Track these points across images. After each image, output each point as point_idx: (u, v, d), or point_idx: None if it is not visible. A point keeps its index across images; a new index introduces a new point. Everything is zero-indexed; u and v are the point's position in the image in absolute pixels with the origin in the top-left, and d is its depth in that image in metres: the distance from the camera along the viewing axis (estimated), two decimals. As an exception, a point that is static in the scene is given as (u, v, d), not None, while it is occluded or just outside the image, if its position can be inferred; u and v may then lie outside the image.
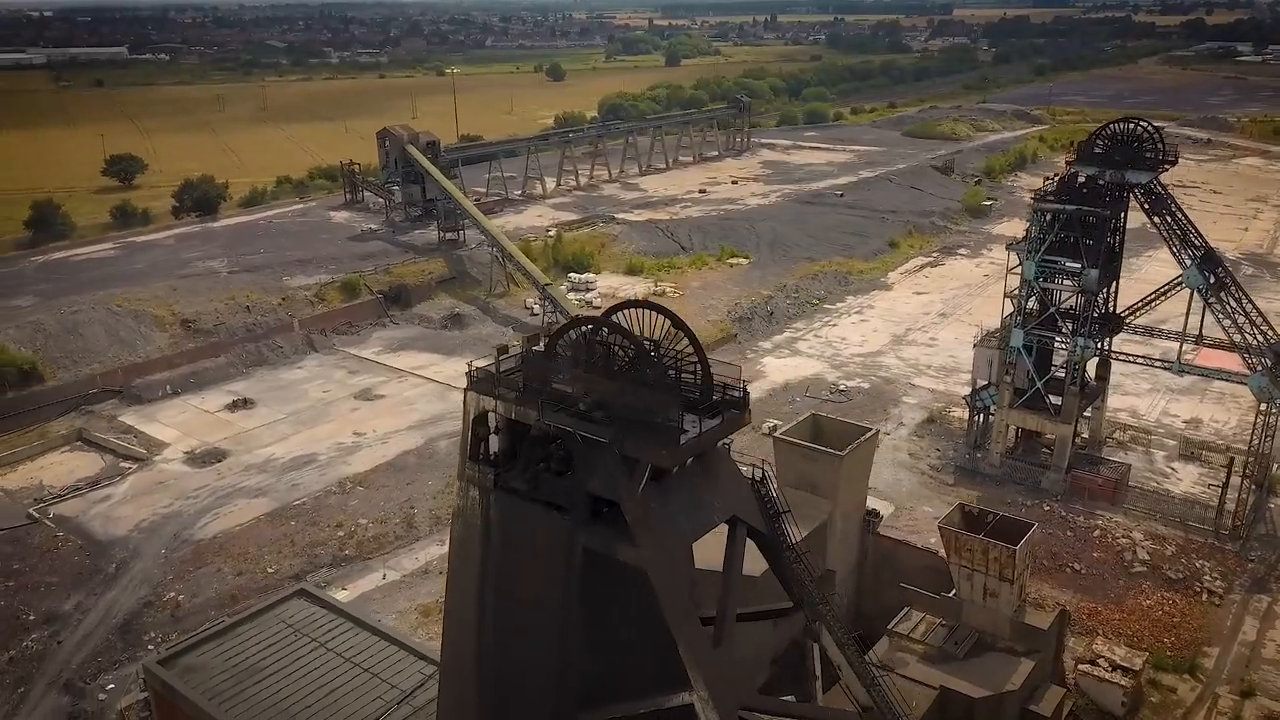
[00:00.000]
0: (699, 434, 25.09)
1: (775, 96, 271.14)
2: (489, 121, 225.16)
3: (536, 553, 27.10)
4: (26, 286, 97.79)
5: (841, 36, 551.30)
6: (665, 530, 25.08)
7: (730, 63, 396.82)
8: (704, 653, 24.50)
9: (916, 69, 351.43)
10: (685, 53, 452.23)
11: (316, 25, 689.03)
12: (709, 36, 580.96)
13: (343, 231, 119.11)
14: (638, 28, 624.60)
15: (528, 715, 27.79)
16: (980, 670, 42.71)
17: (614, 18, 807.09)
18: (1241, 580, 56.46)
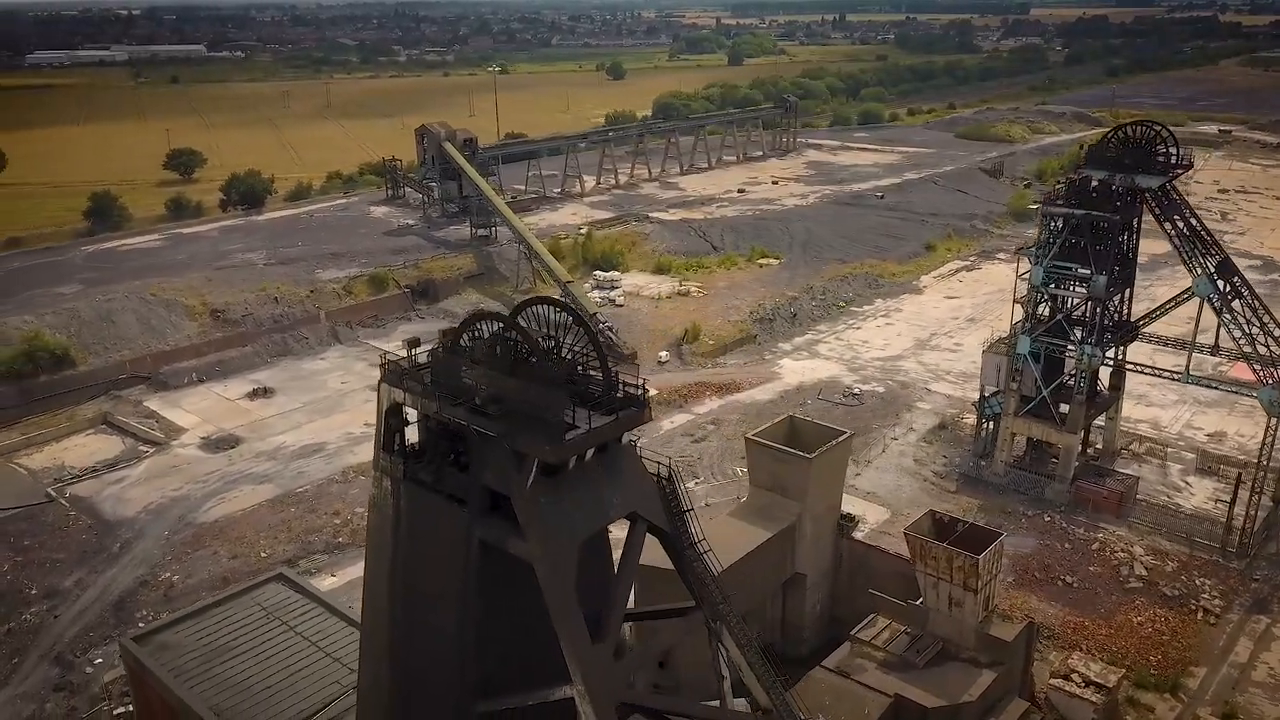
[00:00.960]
0: (588, 431, 25.26)
1: (832, 97, 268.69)
2: (544, 119, 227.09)
3: (439, 544, 27.59)
4: (73, 275, 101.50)
5: (910, 36, 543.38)
6: (554, 525, 25.34)
7: (793, 62, 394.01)
8: (583, 647, 24.71)
9: (982, 69, 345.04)
10: (749, 52, 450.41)
11: (389, 24, 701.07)
12: (775, 36, 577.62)
13: (380, 226, 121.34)
14: (704, 27, 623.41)
15: (432, 703, 28.30)
16: (938, 680, 42.06)
17: (682, 16, 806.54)
18: (1242, 600, 54.65)
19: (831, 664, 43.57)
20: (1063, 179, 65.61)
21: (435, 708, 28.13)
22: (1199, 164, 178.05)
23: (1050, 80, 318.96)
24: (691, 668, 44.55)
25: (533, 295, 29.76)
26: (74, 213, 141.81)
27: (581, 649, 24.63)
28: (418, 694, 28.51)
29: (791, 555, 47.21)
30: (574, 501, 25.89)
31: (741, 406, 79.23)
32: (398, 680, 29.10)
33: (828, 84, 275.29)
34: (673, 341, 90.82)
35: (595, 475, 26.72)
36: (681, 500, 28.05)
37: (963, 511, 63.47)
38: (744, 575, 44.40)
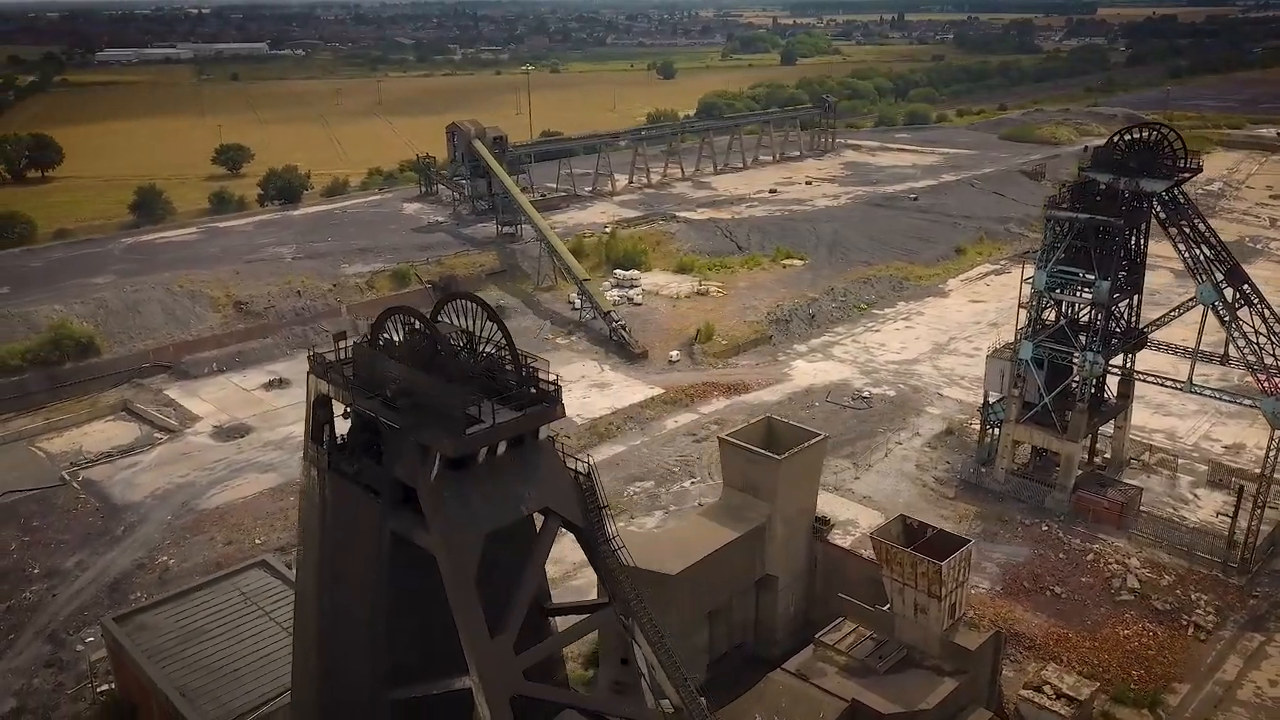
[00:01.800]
0: (491, 426, 25.58)
1: (880, 97, 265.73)
2: (591, 117, 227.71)
3: (358, 534, 28.13)
4: (109, 266, 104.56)
5: (969, 36, 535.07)
6: (458, 517, 25.72)
7: (847, 62, 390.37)
8: (480, 640, 25.05)
9: (1038, 70, 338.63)
10: (803, 52, 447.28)
11: (448, 23, 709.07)
12: (831, 36, 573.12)
13: (410, 223, 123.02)
14: (760, 27, 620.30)
15: (351, 688, 28.89)
16: (897, 686, 41.65)
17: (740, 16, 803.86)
18: (1238, 616, 53.21)
19: (792, 667, 43.37)
20: (1067, 182, 64.36)
21: (354, 694, 28.69)
22: (1253, 168, 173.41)
23: (1109, 81, 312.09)
24: (653, 666, 44.84)
25: (454, 291, 30.07)
26: (122, 206, 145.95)
27: (478, 641, 24.97)
28: (340, 681, 29.12)
29: (761, 556, 47.04)
30: (482, 495, 26.22)
31: (748, 407, 78.92)
32: (323, 666, 29.72)
33: (876, 84, 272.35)
34: (686, 341, 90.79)
35: (507, 470, 27.04)
36: (599, 498, 28.21)
37: (959, 519, 62.97)
38: (708, 574, 44.50)
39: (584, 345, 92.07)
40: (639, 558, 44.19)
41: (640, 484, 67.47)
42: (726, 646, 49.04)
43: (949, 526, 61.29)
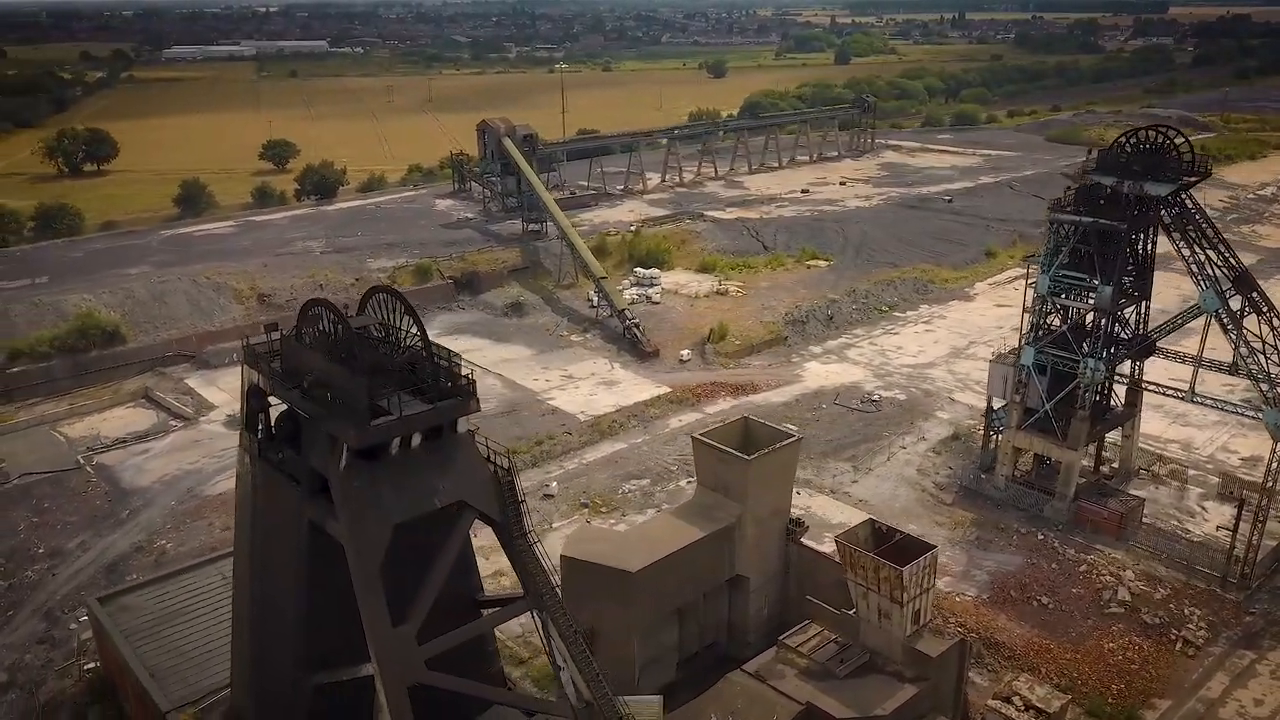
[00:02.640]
0: (397, 418, 26.00)
1: (930, 98, 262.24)
2: (637, 115, 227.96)
3: (282, 521, 28.78)
4: (146, 257, 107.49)
5: (1030, 35, 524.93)
6: (365, 507, 26.18)
7: (902, 62, 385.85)
8: (382, 629, 25.48)
9: (1098, 70, 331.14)
10: (858, 51, 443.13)
11: (506, 21, 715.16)
12: (889, 35, 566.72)
13: (440, 219, 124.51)
14: (818, 25, 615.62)
15: (276, 670, 29.56)
16: (855, 691, 41.32)
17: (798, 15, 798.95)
18: (1231, 633, 51.75)
19: (751, 668, 43.27)
20: (1072, 185, 63.02)
21: (280, 678, 29.33)
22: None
23: (1170, 82, 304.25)
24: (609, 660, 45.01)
25: (376, 285, 30.52)
26: (169, 199, 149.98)
27: (380, 630, 25.41)
28: (268, 665, 29.82)
29: (731, 556, 46.87)
30: (392, 486, 26.65)
31: (754, 408, 78.45)
32: (253, 651, 30.44)
33: (926, 84, 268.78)
34: (698, 341, 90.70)
35: (422, 462, 27.42)
36: (517, 492, 28.48)
37: (954, 525, 62.19)
38: (673, 572, 44.48)
39: (597, 343, 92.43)
40: (603, 554, 44.66)
41: (636, 482, 67.60)
42: (698, 646, 48.94)
43: (944, 533, 61.17)
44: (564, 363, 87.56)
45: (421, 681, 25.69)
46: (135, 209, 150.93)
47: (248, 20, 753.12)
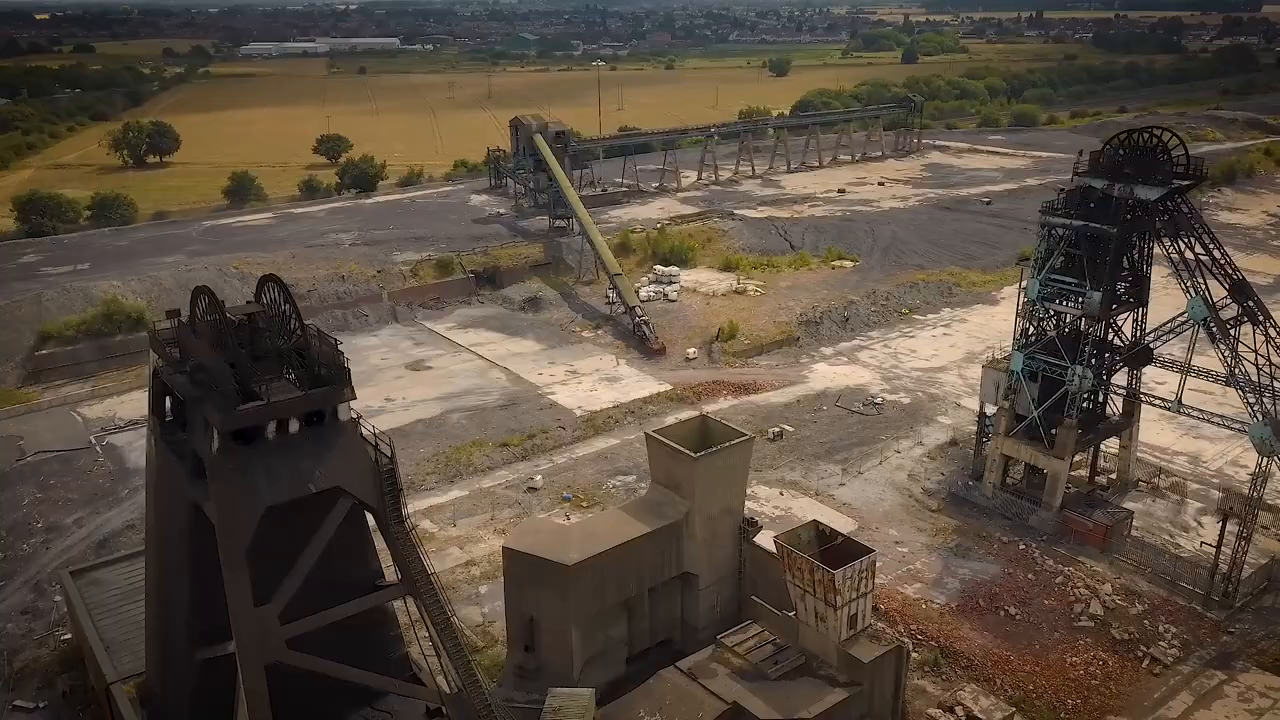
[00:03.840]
0: (266, 404, 26.75)
1: (991, 97, 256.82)
2: (690, 112, 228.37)
3: (173, 501, 29.81)
4: (184, 247, 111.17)
5: (1109, 35, 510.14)
6: (236, 489, 26.99)
7: (971, 61, 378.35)
8: (244, 607, 26.26)
9: (1173, 71, 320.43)
10: (927, 50, 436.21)
11: (577, 20, 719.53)
12: (962, 34, 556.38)
13: (472, 214, 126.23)
14: (891, 24, 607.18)
15: (171, 643, 30.63)
16: (783, 693, 41.07)
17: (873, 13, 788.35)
18: (1204, 652, 50.09)
19: (685, 665, 43.29)
20: (1063, 186, 61.47)
21: (174, 653, 30.39)
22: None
23: (1248, 84, 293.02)
24: (552, 651, 45.49)
25: (268, 274, 31.34)
26: (221, 191, 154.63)
27: (242, 609, 26.18)
28: (167, 639, 30.88)
29: (678, 553, 46.89)
30: (266, 470, 27.41)
31: (753, 408, 78.36)
32: (156, 625, 31.56)
33: (988, 84, 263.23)
34: (707, 339, 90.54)
35: (301, 447, 28.14)
36: (397, 481, 29.05)
37: (935, 532, 61.24)
38: (613, 566, 44.68)
39: (607, 339, 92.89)
40: (543, 546, 45.07)
41: (623, 477, 67.89)
42: (649, 642, 49.03)
43: (923, 539, 60.38)
44: (571, 358, 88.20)
45: (280, 660, 26.45)
46: (188, 200, 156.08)
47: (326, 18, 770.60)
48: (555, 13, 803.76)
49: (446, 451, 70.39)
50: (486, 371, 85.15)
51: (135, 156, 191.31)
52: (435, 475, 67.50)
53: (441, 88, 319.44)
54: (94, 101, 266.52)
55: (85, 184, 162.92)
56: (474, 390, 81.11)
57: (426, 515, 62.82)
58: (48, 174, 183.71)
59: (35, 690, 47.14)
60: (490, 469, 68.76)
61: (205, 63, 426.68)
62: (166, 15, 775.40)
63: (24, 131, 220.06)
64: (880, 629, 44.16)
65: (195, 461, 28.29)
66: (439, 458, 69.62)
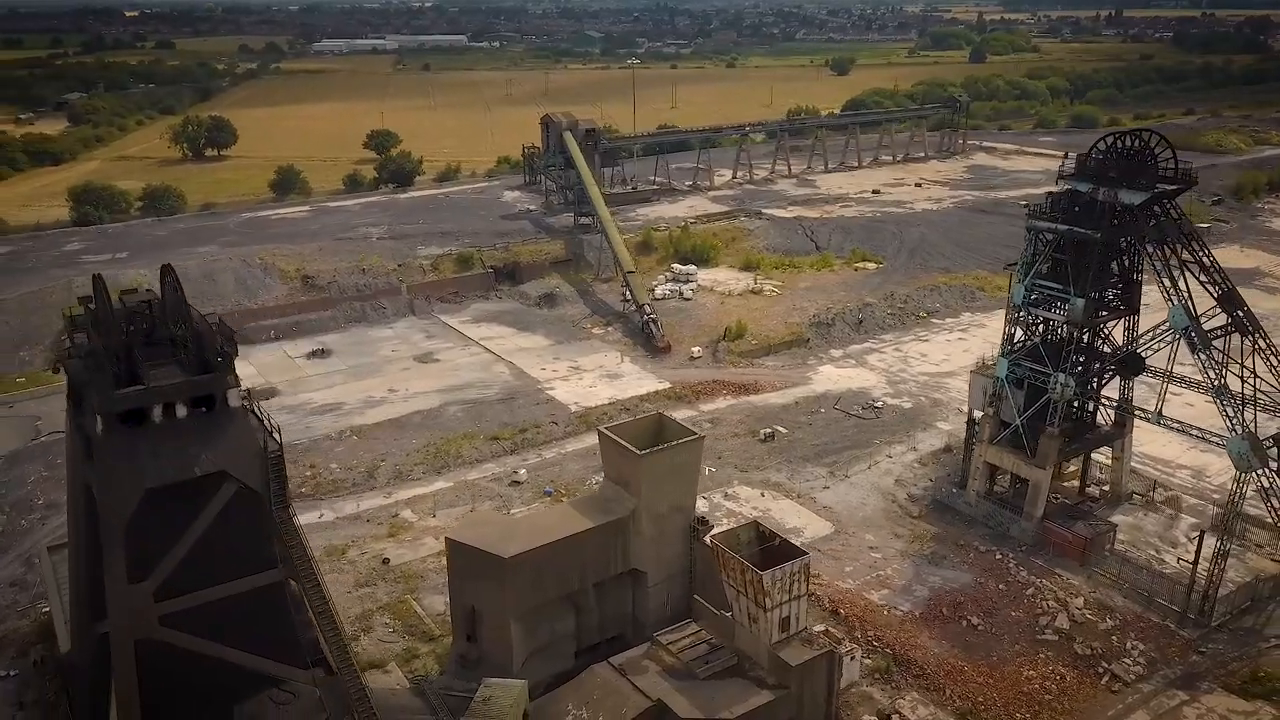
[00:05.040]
0: (142, 389, 27.73)
1: (1054, 98, 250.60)
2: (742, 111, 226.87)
3: (75, 481, 30.99)
4: (219, 237, 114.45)
5: (1190, 34, 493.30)
6: (118, 469, 28.04)
7: (1042, 60, 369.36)
8: (118, 584, 27.28)
9: (1249, 72, 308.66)
10: (997, 49, 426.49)
11: (645, 18, 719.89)
12: (1036, 33, 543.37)
13: (502, 210, 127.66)
14: (963, 22, 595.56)
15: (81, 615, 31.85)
16: (708, 693, 41.04)
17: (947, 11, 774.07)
18: (1170, 671, 48.67)
19: (618, 661, 43.52)
20: (1053, 190, 59.98)
21: (81, 625, 31.63)
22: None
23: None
24: (492, 642, 46.06)
25: (167, 264, 32.32)
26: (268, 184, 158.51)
27: (115, 585, 27.21)
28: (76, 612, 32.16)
29: (624, 550, 47.06)
30: (150, 452, 28.39)
31: (751, 408, 78.08)
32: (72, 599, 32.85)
33: (1050, 84, 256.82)
34: (715, 338, 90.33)
35: (189, 430, 29.08)
36: (283, 467, 29.82)
37: (912, 539, 60.48)
38: (553, 560, 45.03)
39: (616, 336, 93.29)
40: (484, 538, 45.66)
41: (607, 474, 68.08)
42: (598, 637, 49.26)
43: (899, 545, 59.74)
44: (577, 354, 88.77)
45: (151, 636, 27.43)
46: (237, 193, 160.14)
47: (400, 15, 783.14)
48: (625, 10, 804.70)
49: (437, 443, 71.48)
50: (491, 365, 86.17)
51: (194, 150, 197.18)
52: (423, 466, 68.61)
53: (501, 85, 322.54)
54: (164, 96, 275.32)
55: (145, 176, 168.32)
56: (475, 384, 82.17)
57: (408, 505, 64.04)
58: (111, 166, 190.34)
59: (10, 659, 49.22)
60: (478, 461, 69.68)
61: (278, 59, 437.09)
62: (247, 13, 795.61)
63: (94, 125, 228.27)
64: (815, 634, 43.81)
65: (86, 443, 29.40)
66: (429, 449, 70.75)
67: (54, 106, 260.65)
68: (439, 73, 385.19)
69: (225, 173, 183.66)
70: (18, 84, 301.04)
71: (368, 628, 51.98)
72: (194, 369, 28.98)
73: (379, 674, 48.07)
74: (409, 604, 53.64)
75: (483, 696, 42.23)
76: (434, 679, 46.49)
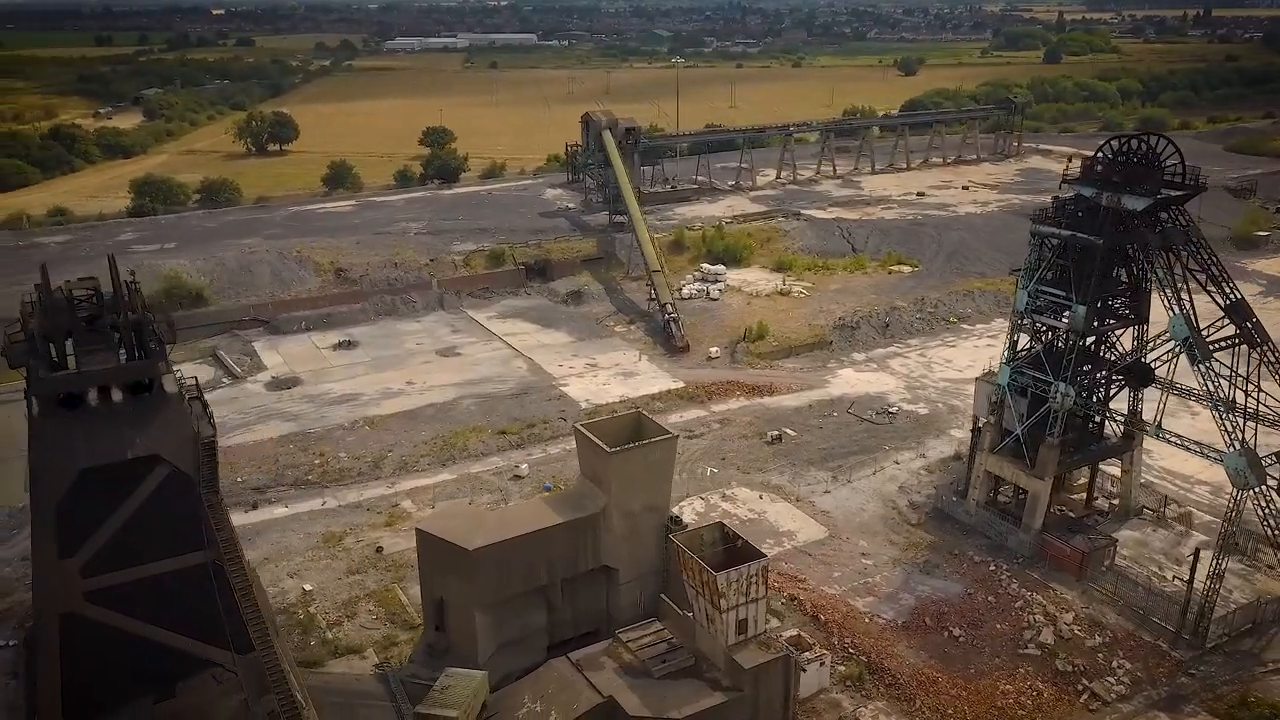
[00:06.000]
0: (76, 372, 28.86)
1: (1124, 100, 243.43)
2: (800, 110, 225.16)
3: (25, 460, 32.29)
4: (263, 230, 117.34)
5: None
6: (51, 450, 29.19)
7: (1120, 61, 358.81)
8: (45, 560, 28.42)
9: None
10: (1075, 49, 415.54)
11: (716, 17, 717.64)
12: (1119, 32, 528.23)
13: (542, 207, 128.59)
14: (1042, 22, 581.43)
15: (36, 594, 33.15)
16: (660, 692, 41.11)
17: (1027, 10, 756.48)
18: (1154, 692, 47.25)
19: (576, 657, 43.84)
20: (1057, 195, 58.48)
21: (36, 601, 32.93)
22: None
23: None
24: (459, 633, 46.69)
25: (110, 254, 33.39)
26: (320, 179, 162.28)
27: (43, 560, 28.36)
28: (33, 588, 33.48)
29: (594, 546, 47.25)
30: (84, 434, 29.51)
31: (762, 410, 77.62)
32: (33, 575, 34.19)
33: (1121, 86, 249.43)
34: (735, 339, 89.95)
35: (124, 415, 30.15)
36: (215, 453, 30.72)
37: (907, 546, 59.66)
38: (519, 554, 45.46)
39: (637, 335, 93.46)
40: (452, 530, 46.31)
41: (609, 471, 68.31)
42: (572, 632, 49.54)
43: (893, 553, 59.06)
44: (596, 352, 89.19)
45: (76, 611, 28.54)
46: (292, 186, 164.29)
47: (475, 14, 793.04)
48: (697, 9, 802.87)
49: (446, 435, 72.52)
50: (510, 361, 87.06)
51: (257, 144, 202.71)
52: (429, 458, 69.67)
53: (564, 82, 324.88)
54: (236, 92, 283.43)
55: (208, 169, 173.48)
56: (492, 378, 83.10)
57: (409, 495, 65.10)
58: (178, 159, 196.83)
59: (11, 629, 51.41)
60: (484, 455, 70.50)
61: (351, 56, 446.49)
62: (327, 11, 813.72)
63: (167, 119, 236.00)
64: (775, 637, 43.47)
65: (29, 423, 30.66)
66: (437, 441, 71.81)
67: (131, 101, 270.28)
68: (505, 70, 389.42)
69: (284, 167, 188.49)
70: (100, 79, 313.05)
71: (352, 614, 53.06)
72: (134, 356, 29.99)
73: (356, 659, 49.20)
74: (395, 592, 54.55)
75: (442, 685, 43.03)
76: (404, 666, 47.26)
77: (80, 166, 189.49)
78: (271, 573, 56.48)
